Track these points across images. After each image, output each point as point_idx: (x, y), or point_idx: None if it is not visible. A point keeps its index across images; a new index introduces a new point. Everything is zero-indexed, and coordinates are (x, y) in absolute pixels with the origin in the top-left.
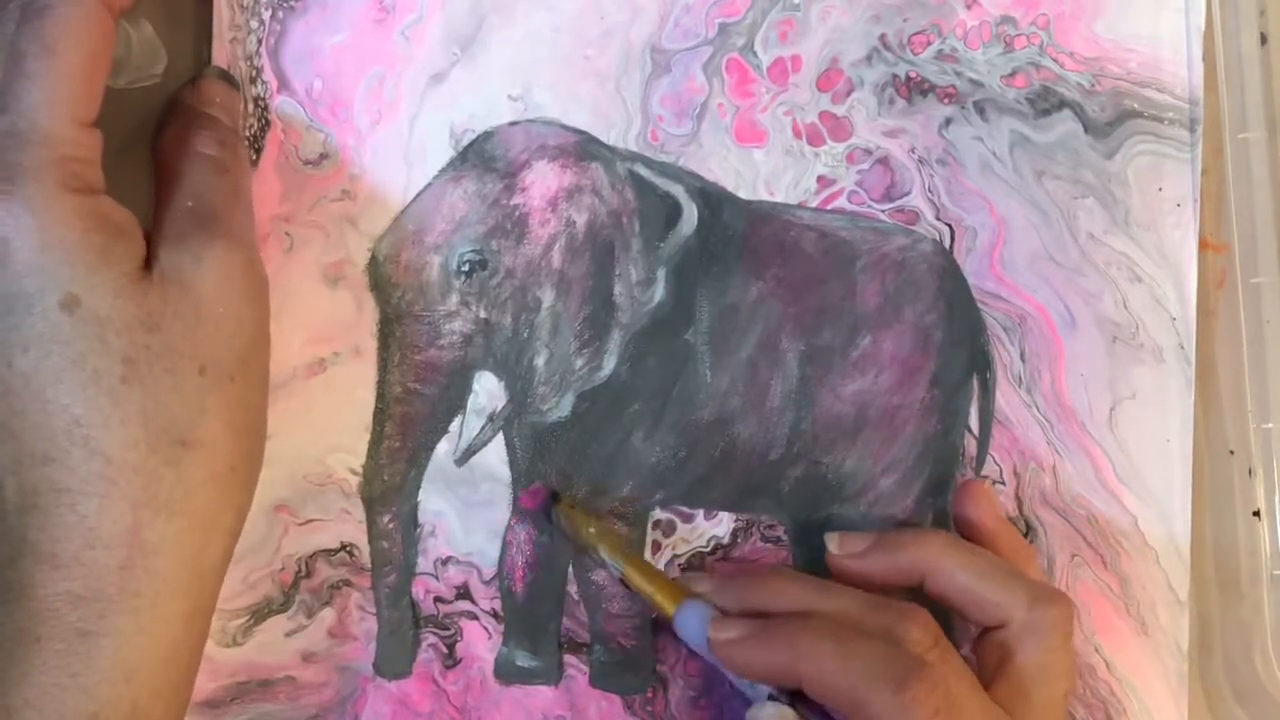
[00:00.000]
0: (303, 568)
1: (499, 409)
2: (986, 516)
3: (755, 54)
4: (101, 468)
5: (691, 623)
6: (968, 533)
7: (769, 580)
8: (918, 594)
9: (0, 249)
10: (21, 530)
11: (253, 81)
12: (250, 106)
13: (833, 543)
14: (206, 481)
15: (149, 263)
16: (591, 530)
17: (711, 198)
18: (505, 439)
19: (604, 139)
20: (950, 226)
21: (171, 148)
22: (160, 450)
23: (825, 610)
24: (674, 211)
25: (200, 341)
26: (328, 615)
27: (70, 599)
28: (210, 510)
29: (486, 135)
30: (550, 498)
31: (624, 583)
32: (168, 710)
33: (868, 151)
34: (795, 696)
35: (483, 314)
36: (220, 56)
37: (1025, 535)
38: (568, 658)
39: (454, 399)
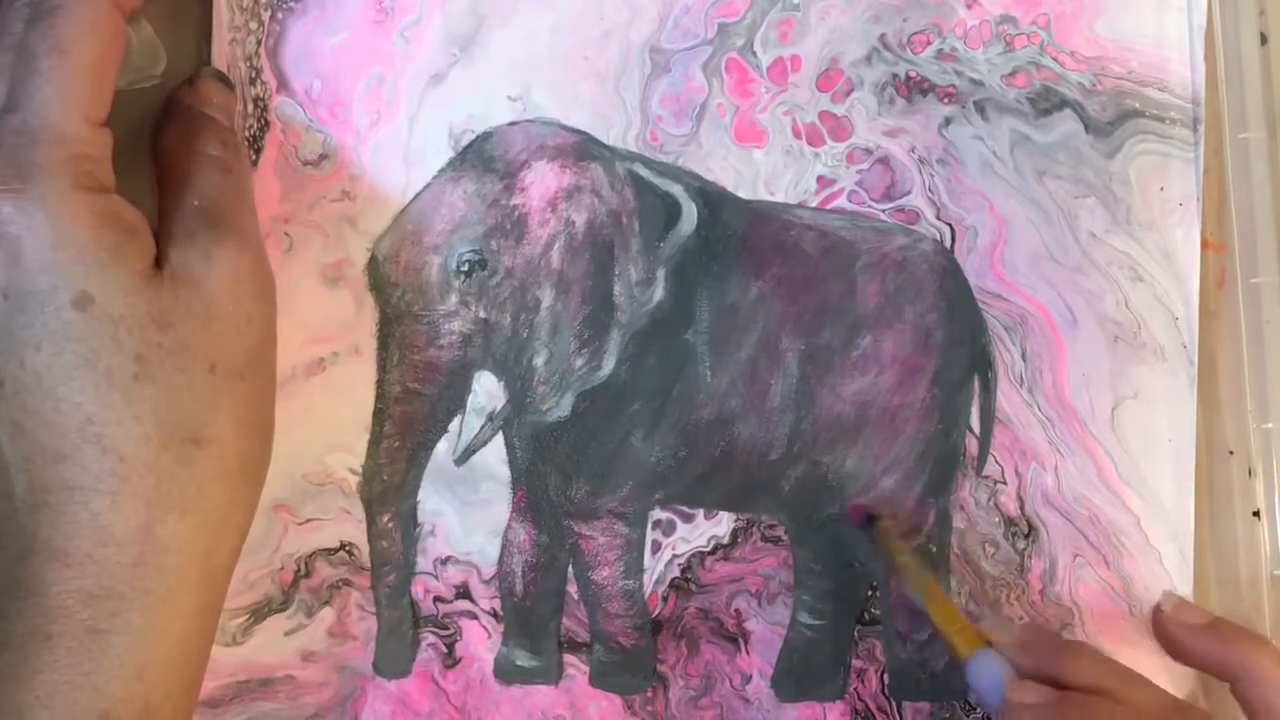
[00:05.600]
0: (302, 567)
1: (499, 409)
2: None
3: (755, 54)
4: (114, 465)
5: (986, 674)
6: None
7: (1073, 653)
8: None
9: (13, 247)
10: (33, 528)
11: (252, 82)
12: (250, 107)
13: (1168, 603)
14: (217, 479)
15: (159, 262)
16: (902, 558)
17: (711, 197)
18: (505, 439)
19: (603, 139)
20: (951, 226)
21: (175, 148)
22: (172, 448)
23: (1126, 699)
24: (673, 211)
25: (211, 340)
26: (327, 615)
27: (82, 597)
28: (221, 508)
29: (486, 135)
30: (867, 518)
31: (924, 614)
32: (178, 708)
33: (868, 151)
34: None
35: (482, 314)
36: (220, 57)
37: (1027, 535)
38: (568, 658)
39: (453, 399)
